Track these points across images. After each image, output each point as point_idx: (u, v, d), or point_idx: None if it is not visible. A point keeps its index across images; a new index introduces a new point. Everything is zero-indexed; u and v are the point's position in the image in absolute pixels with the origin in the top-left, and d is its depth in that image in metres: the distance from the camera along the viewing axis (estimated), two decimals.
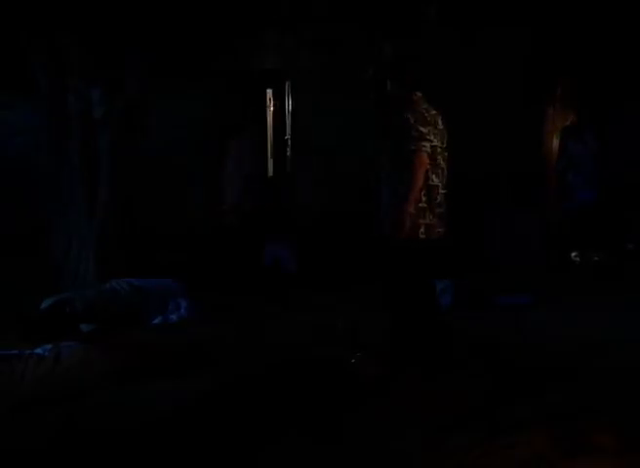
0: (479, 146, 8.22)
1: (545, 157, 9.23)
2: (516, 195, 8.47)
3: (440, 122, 4.68)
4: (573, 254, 8.55)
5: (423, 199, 4.56)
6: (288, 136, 9.13)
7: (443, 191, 4.68)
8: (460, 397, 4.29)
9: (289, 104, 8.97)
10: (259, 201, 8.45)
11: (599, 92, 8.69)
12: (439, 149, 4.63)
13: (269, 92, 9.53)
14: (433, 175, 4.59)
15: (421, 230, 4.57)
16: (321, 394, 4.38)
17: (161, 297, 6.45)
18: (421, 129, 4.50)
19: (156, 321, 6.30)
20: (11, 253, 6.99)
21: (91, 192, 6.87)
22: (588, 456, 3.46)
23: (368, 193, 5.91)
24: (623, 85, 8.58)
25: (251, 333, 5.85)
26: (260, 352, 5.29)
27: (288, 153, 9.17)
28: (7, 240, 7.15)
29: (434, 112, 4.67)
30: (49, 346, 4.73)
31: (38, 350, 4.68)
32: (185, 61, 7.39)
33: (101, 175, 6.87)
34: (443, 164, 4.67)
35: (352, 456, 3.59)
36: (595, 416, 3.92)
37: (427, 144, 4.51)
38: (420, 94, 4.71)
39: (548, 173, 9.19)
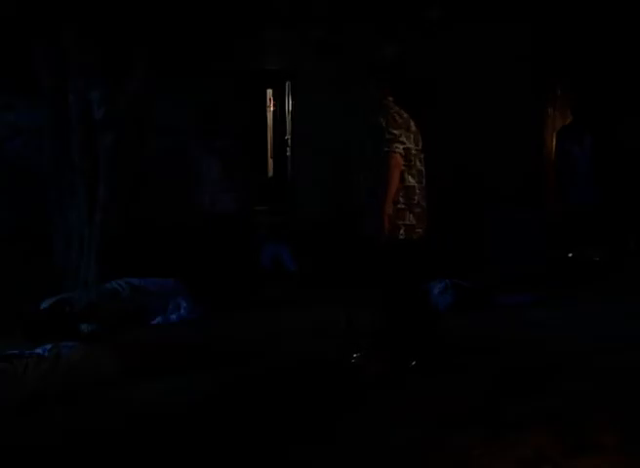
0: (479, 146, 8.23)
1: (545, 157, 9.24)
2: (516, 195, 8.47)
3: (413, 125, 4.76)
4: (573, 254, 8.55)
5: (401, 200, 4.65)
6: (288, 137, 9.13)
7: (419, 192, 4.75)
8: (461, 397, 4.30)
9: (289, 105, 8.97)
10: (237, 203, 8.42)
11: (599, 92, 8.70)
12: (414, 151, 4.72)
13: (269, 92, 9.54)
14: (409, 177, 4.69)
15: (401, 231, 4.66)
16: (321, 393, 4.39)
17: (161, 297, 6.45)
18: (394, 131, 4.61)
19: (156, 321, 6.31)
20: (11, 254, 6.99)
21: (91, 192, 6.86)
22: (590, 455, 3.47)
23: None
24: (623, 85, 8.58)
25: (251, 333, 5.85)
26: (260, 352, 5.29)
27: (288, 153, 9.18)
28: (7, 240, 7.15)
29: (406, 115, 4.75)
30: (49, 346, 4.73)
31: (38, 350, 4.69)
32: (186, 61, 7.39)
33: (102, 176, 6.87)
34: (420, 166, 4.76)
35: (353, 456, 3.60)
36: (595, 416, 3.92)
37: (400, 146, 4.61)
38: (391, 98, 4.80)
39: (548, 173, 9.19)
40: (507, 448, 3.56)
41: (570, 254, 8.54)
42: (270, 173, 9.70)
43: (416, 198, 4.72)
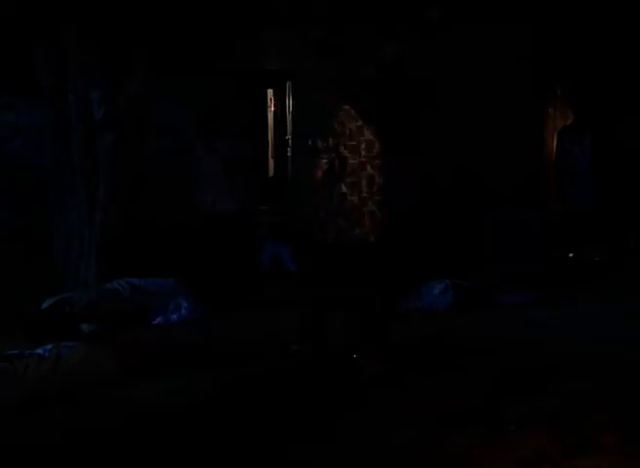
0: (479, 146, 8.23)
1: (545, 157, 9.23)
2: (516, 195, 8.48)
3: (368, 134, 4.82)
4: (573, 254, 8.55)
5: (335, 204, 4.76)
6: (288, 137, 9.13)
7: (351, 198, 4.84)
8: (461, 397, 4.30)
9: (289, 105, 8.96)
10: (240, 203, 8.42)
11: (599, 92, 8.70)
12: (362, 158, 4.79)
13: (270, 92, 9.54)
14: (342, 185, 4.77)
15: (330, 233, 4.75)
16: (321, 393, 4.39)
17: (162, 297, 6.45)
18: (319, 144, 4.69)
19: (157, 321, 6.31)
20: (11, 254, 6.99)
21: (91, 192, 6.87)
22: (590, 455, 3.48)
23: None
24: (623, 85, 8.59)
25: (251, 333, 5.85)
26: (260, 352, 5.29)
27: (288, 153, 9.17)
28: (7, 240, 7.15)
29: (358, 124, 4.81)
30: (49, 346, 4.73)
31: (38, 350, 4.69)
32: (186, 61, 7.39)
33: (102, 176, 6.87)
34: (372, 171, 4.84)
35: (353, 456, 3.60)
36: (595, 416, 3.93)
37: (325, 159, 4.70)
38: (347, 106, 4.86)
39: (548, 173, 9.19)
40: (507, 448, 3.56)
41: (570, 254, 8.55)
42: (271, 173, 9.69)
43: (347, 204, 4.83)
